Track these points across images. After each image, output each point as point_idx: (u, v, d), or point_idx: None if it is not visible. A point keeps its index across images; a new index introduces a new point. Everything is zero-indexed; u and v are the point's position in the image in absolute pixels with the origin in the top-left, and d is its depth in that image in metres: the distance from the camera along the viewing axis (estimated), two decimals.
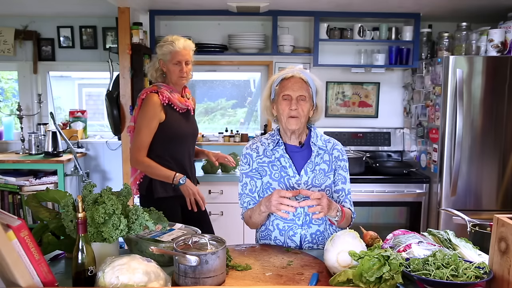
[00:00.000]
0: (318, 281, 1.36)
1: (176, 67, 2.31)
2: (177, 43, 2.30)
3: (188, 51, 2.33)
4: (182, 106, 2.38)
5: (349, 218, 1.76)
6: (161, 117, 2.31)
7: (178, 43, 2.30)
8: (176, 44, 2.30)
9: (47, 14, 3.77)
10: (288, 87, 1.70)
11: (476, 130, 3.09)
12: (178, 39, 2.33)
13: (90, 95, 4.41)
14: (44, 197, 1.52)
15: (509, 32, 3.13)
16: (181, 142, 2.40)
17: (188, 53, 2.34)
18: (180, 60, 2.30)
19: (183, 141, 2.41)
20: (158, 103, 2.29)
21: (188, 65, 2.34)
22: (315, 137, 1.79)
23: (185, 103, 2.40)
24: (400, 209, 3.37)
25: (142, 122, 2.30)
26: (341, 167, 1.78)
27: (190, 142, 2.47)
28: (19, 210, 3.63)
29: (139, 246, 1.49)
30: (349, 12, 3.47)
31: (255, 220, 1.75)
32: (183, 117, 2.41)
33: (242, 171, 1.83)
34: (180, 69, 2.31)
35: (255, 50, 3.60)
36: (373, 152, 3.71)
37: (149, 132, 2.30)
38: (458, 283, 1.19)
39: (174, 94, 2.35)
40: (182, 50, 2.30)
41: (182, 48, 2.30)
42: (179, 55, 2.30)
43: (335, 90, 3.85)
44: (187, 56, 2.32)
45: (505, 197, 3.15)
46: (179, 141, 2.39)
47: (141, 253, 1.45)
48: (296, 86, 1.69)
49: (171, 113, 2.34)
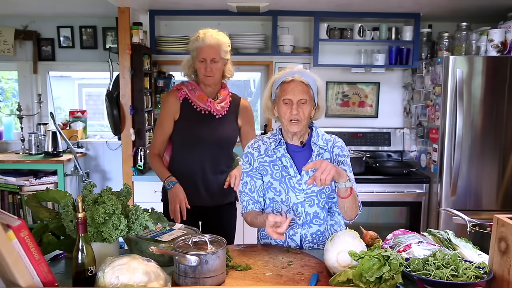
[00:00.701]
0: (318, 281, 1.36)
1: (202, 65, 2.12)
2: (203, 39, 2.11)
3: (216, 48, 2.11)
4: (203, 106, 2.19)
5: (356, 199, 1.70)
6: (175, 115, 2.19)
7: (204, 38, 2.11)
8: (202, 40, 2.11)
9: (47, 14, 3.77)
10: (288, 91, 1.68)
11: (476, 130, 3.09)
12: (206, 34, 2.12)
13: (90, 95, 4.41)
14: (44, 197, 1.52)
15: (509, 32, 3.13)
16: (193, 146, 2.19)
17: (215, 50, 2.11)
18: (204, 57, 2.11)
19: (196, 145, 2.19)
20: (173, 101, 2.19)
21: (216, 63, 2.13)
22: (316, 136, 1.79)
23: (207, 103, 2.18)
24: (400, 209, 3.37)
25: (158, 119, 2.24)
26: (342, 162, 1.78)
27: (206, 148, 2.19)
28: (19, 210, 3.63)
29: (139, 246, 1.49)
30: (349, 12, 3.47)
31: (256, 226, 1.81)
32: (204, 119, 2.19)
33: (243, 170, 1.84)
34: (205, 67, 2.12)
35: (255, 50, 3.60)
36: (373, 152, 3.71)
37: (161, 130, 2.22)
38: (458, 283, 1.19)
39: (196, 91, 2.19)
40: (207, 47, 2.10)
41: (207, 45, 2.10)
42: (203, 52, 2.10)
43: (335, 90, 3.85)
44: (213, 54, 2.11)
45: (505, 197, 3.15)
46: (191, 144, 2.19)
47: (141, 253, 1.45)
48: (297, 90, 1.68)
49: (188, 111, 2.19)
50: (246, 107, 2.33)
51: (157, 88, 3.68)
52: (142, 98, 3.32)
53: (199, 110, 2.19)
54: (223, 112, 2.22)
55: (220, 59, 2.14)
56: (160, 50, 3.55)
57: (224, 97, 2.24)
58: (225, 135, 2.22)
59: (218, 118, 2.21)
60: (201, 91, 2.20)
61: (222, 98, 2.23)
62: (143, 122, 3.36)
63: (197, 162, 2.20)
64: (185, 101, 2.19)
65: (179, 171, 2.21)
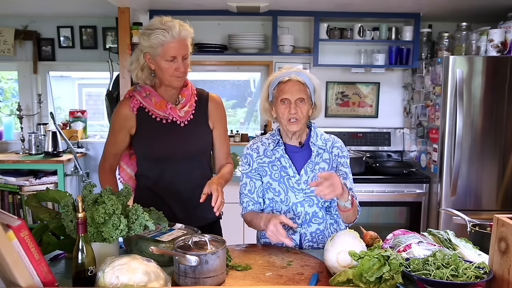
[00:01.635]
0: (318, 281, 1.36)
1: (171, 65, 1.70)
2: (172, 31, 1.66)
3: (186, 42, 1.71)
4: (163, 114, 1.78)
5: (356, 209, 1.71)
6: (130, 129, 1.80)
7: (173, 31, 1.66)
8: (171, 33, 1.66)
9: (47, 14, 3.77)
10: (286, 91, 1.69)
11: (476, 130, 3.09)
12: (173, 25, 1.67)
13: (90, 95, 4.41)
14: (44, 197, 1.52)
15: (509, 32, 3.13)
16: (159, 164, 1.80)
17: (187, 44, 1.71)
18: (175, 55, 1.68)
19: (162, 162, 1.80)
20: (126, 113, 1.79)
21: (186, 60, 1.73)
22: (315, 136, 1.79)
23: (167, 111, 1.78)
24: (400, 209, 3.37)
25: (110, 129, 1.86)
26: (342, 164, 1.78)
27: (175, 165, 1.80)
28: (19, 210, 3.63)
29: (139, 246, 1.49)
30: (349, 12, 3.47)
31: (256, 227, 1.79)
32: (166, 130, 1.79)
33: (242, 171, 1.85)
34: (176, 67, 1.70)
35: (255, 50, 3.60)
36: (373, 152, 3.71)
37: (114, 144, 1.83)
38: (458, 283, 1.19)
39: (152, 98, 1.78)
40: (178, 41, 1.67)
41: (179, 38, 1.67)
42: (174, 49, 1.67)
43: (335, 90, 3.85)
44: (184, 49, 1.70)
45: (505, 197, 3.15)
46: (156, 162, 1.80)
47: (141, 253, 1.45)
48: (294, 89, 1.69)
49: (146, 123, 1.79)
50: (217, 103, 1.90)
51: None
52: None
53: (159, 120, 1.78)
54: (188, 117, 1.81)
55: (189, 54, 1.74)
56: None
57: (186, 99, 1.82)
58: (195, 145, 1.82)
59: (183, 126, 1.80)
60: (158, 97, 1.79)
61: (185, 100, 1.81)
62: None
63: (166, 181, 1.81)
64: (140, 110, 1.79)
65: (147, 191, 1.85)
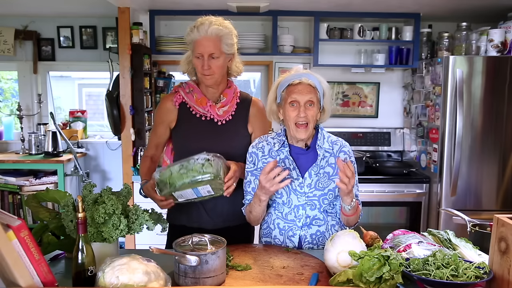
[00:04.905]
0: (318, 281, 1.36)
1: (198, 62, 1.74)
2: (200, 28, 1.71)
3: (215, 40, 1.72)
4: (202, 111, 1.84)
5: (359, 215, 1.72)
6: (170, 123, 1.88)
7: (201, 28, 1.71)
8: (199, 30, 1.71)
9: (47, 14, 3.77)
10: (295, 93, 1.65)
11: (476, 130, 3.09)
12: (203, 22, 1.73)
13: (90, 95, 4.42)
14: (44, 197, 1.52)
15: (509, 32, 3.13)
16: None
17: (214, 43, 1.72)
18: (201, 52, 1.72)
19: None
20: (168, 107, 1.87)
21: (216, 59, 1.74)
22: (322, 139, 1.75)
23: (206, 108, 1.83)
24: (400, 209, 3.37)
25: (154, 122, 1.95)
26: None
27: None
28: (19, 210, 3.63)
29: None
30: (349, 12, 3.47)
31: (255, 213, 1.72)
32: (204, 127, 1.84)
33: (247, 169, 1.80)
34: (202, 65, 1.74)
35: (255, 50, 3.60)
36: (373, 152, 3.71)
37: (155, 135, 1.94)
38: (458, 283, 1.19)
39: (194, 94, 1.85)
40: (204, 39, 1.71)
41: (204, 37, 1.71)
42: (200, 46, 1.72)
43: (335, 90, 3.85)
44: (211, 48, 1.71)
45: (505, 197, 3.15)
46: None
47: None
48: (305, 92, 1.66)
49: (185, 118, 1.86)
50: (259, 108, 1.93)
51: (157, 88, 3.68)
52: (142, 98, 3.32)
53: (198, 116, 1.85)
54: (226, 117, 1.85)
55: (221, 54, 1.75)
56: (160, 50, 3.55)
57: (228, 99, 1.86)
58: (228, 145, 1.84)
59: (220, 125, 1.85)
60: (200, 94, 1.85)
61: (226, 100, 1.86)
62: (143, 122, 3.36)
63: None
64: (182, 106, 1.86)
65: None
